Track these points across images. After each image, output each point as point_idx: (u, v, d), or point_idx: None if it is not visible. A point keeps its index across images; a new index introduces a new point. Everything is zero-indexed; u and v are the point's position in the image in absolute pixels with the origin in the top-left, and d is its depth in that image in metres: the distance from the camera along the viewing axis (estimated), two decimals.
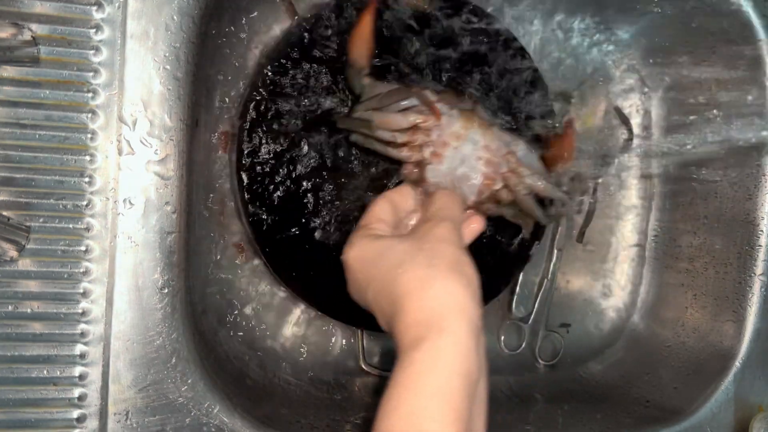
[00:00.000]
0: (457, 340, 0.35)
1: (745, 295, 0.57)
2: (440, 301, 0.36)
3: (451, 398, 0.34)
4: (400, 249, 0.39)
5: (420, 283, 0.37)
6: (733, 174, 0.59)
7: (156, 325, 0.45)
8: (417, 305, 0.36)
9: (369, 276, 0.40)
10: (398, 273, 0.38)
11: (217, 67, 0.53)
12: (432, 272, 0.37)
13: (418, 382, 0.34)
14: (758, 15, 0.56)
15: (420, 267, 0.37)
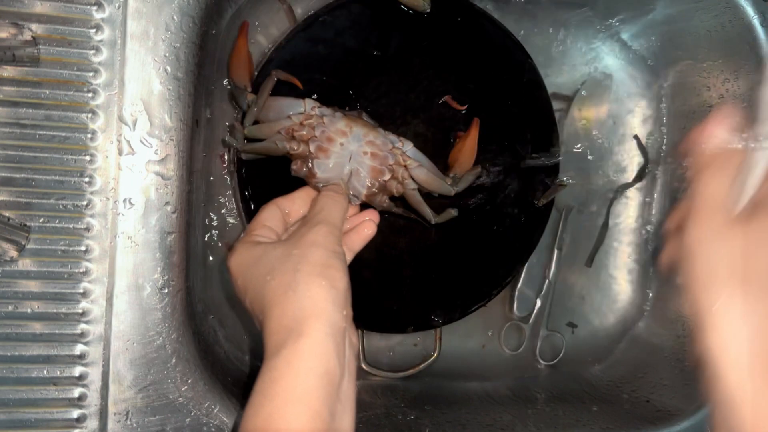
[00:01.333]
0: (313, 343, 0.35)
1: None
2: (300, 305, 0.36)
3: (308, 399, 0.35)
4: (273, 255, 0.39)
5: (284, 289, 0.37)
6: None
7: (156, 325, 0.45)
8: (281, 311, 0.37)
9: (246, 282, 0.40)
10: (267, 280, 0.38)
11: (217, 66, 0.53)
12: (296, 277, 0.37)
13: (274, 386, 0.35)
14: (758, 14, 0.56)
15: (286, 273, 0.38)
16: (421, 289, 0.58)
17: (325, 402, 0.35)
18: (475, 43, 0.56)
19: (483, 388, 0.63)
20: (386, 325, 0.58)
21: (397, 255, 0.57)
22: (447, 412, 0.57)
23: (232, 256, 0.41)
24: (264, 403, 0.35)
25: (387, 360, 0.62)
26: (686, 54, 0.63)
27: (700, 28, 0.60)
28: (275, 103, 0.50)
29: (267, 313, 0.37)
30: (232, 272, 0.41)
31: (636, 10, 0.64)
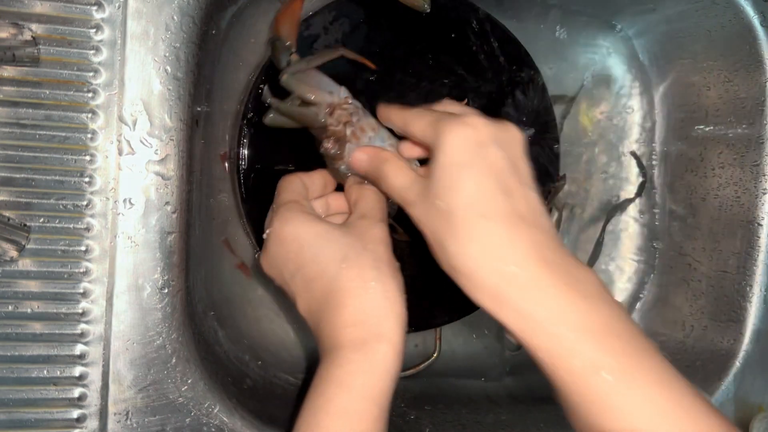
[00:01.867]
0: (393, 347, 0.36)
1: (745, 295, 0.57)
2: (381, 305, 0.36)
3: (381, 401, 0.35)
4: (343, 242, 0.38)
5: (363, 282, 0.37)
6: (733, 174, 0.59)
7: (156, 325, 0.45)
8: (358, 305, 0.36)
9: (302, 259, 0.39)
10: (342, 267, 0.37)
11: (217, 66, 0.53)
12: (376, 274, 0.37)
13: (354, 382, 0.35)
14: (758, 14, 0.56)
15: (365, 267, 0.37)
16: (421, 289, 0.58)
17: (388, 405, 0.36)
18: (475, 43, 0.56)
19: (483, 388, 0.63)
20: None
21: (397, 255, 0.57)
22: (447, 412, 0.57)
23: (286, 224, 0.39)
24: (341, 395, 0.35)
25: None
26: (686, 54, 0.63)
27: (700, 28, 0.60)
28: (316, 76, 0.47)
29: (338, 301, 0.37)
30: (282, 240, 0.39)
31: (636, 10, 0.64)
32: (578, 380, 0.32)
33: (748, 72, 0.57)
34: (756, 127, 0.57)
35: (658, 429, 0.31)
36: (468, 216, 0.34)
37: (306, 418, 0.36)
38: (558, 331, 0.32)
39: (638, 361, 0.32)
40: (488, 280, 0.34)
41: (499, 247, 0.34)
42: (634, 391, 0.31)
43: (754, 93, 0.57)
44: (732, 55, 0.58)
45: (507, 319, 0.33)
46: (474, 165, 0.35)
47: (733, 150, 0.59)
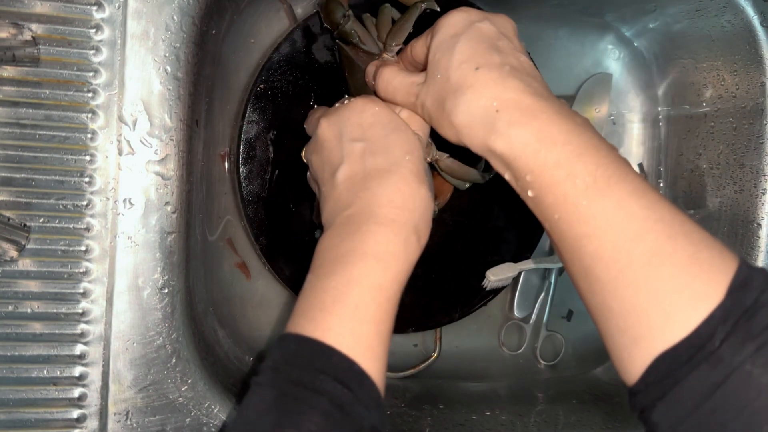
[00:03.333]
0: (420, 247, 0.40)
1: None
2: (425, 207, 0.40)
3: (402, 289, 0.39)
4: (412, 140, 0.42)
5: (418, 182, 0.40)
6: (733, 174, 0.59)
7: (156, 325, 0.45)
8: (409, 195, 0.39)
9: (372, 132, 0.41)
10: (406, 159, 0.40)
11: (217, 66, 0.53)
12: (426, 184, 0.40)
13: (390, 262, 0.37)
14: (758, 14, 0.56)
15: (421, 172, 0.40)
16: (421, 289, 0.58)
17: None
18: None
19: (483, 388, 0.63)
20: None
21: None
22: (447, 412, 0.57)
23: (374, 101, 0.43)
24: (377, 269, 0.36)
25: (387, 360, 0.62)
26: (686, 54, 0.63)
27: (700, 28, 0.60)
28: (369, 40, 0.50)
29: (394, 183, 0.39)
30: (368, 109, 0.42)
31: (636, 10, 0.64)
32: (558, 191, 0.34)
33: (748, 72, 0.57)
34: (756, 127, 0.57)
35: (626, 230, 0.32)
36: (463, 71, 0.37)
37: (334, 285, 0.36)
38: (545, 148, 0.34)
39: (615, 175, 0.33)
40: (483, 122, 0.36)
41: (494, 86, 0.36)
42: (607, 197, 0.32)
43: (754, 93, 0.57)
44: (732, 55, 0.58)
45: (500, 147, 0.35)
46: (466, 33, 0.38)
47: (733, 150, 0.59)
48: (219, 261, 0.57)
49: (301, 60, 0.53)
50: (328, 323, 0.35)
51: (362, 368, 0.34)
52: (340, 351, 0.34)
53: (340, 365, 0.34)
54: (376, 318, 0.35)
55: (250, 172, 0.53)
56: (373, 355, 0.35)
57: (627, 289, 0.32)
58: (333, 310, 0.35)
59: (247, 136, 0.52)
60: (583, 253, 0.33)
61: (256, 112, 0.52)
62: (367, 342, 0.35)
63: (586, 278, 0.34)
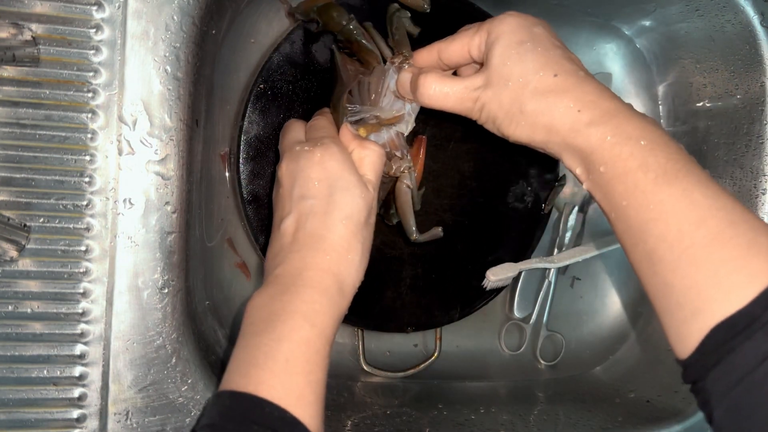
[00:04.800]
0: (346, 305, 0.43)
1: None
2: (350, 270, 0.43)
3: (330, 344, 0.41)
4: (358, 204, 0.43)
5: (348, 247, 0.43)
6: (733, 174, 0.59)
7: (156, 325, 0.45)
8: (335, 260, 0.42)
9: (321, 190, 0.43)
10: (342, 223, 0.42)
11: (217, 66, 0.53)
12: (359, 249, 0.43)
13: (318, 320, 0.40)
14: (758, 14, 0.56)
15: (355, 238, 0.43)
16: (421, 289, 0.58)
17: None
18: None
19: (483, 388, 0.63)
20: (386, 325, 0.58)
21: (397, 255, 0.57)
22: (447, 412, 0.57)
23: (338, 151, 0.44)
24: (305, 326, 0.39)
25: (387, 360, 0.62)
26: (686, 54, 0.63)
27: (700, 28, 0.60)
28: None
29: (324, 248, 0.41)
30: (327, 161, 0.43)
31: (636, 10, 0.64)
32: (629, 179, 0.37)
33: (748, 72, 0.57)
34: (756, 127, 0.57)
35: (691, 215, 0.35)
36: (543, 77, 0.40)
37: (265, 342, 0.38)
38: (621, 142, 0.37)
39: (684, 168, 0.36)
40: (565, 124, 0.39)
41: (574, 90, 0.39)
42: (675, 186, 0.35)
43: (754, 93, 0.57)
44: (732, 55, 0.58)
45: (580, 142, 0.39)
46: (532, 40, 0.41)
47: (733, 150, 0.59)
48: (219, 261, 0.57)
49: (301, 60, 0.53)
50: (261, 377, 0.37)
51: (294, 416, 0.36)
52: (272, 402, 0.36)
53: (273, 415, 0.36)
54: (306, 370, 0.38)
55: (250, 172, 0.53)
56: (305, 403, 0.37)
57: (689, 267, 0.34)
58: (265, 365, 0.38)
59: (247, 136, 0.52)
60: (648, 235, 0.36)
61: (256, 112, 0.52)
62: (298, 392, 0.37)
63: (649, 259, 0.36)
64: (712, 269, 0.33)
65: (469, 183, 0.59)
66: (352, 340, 0.61)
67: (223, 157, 0.56)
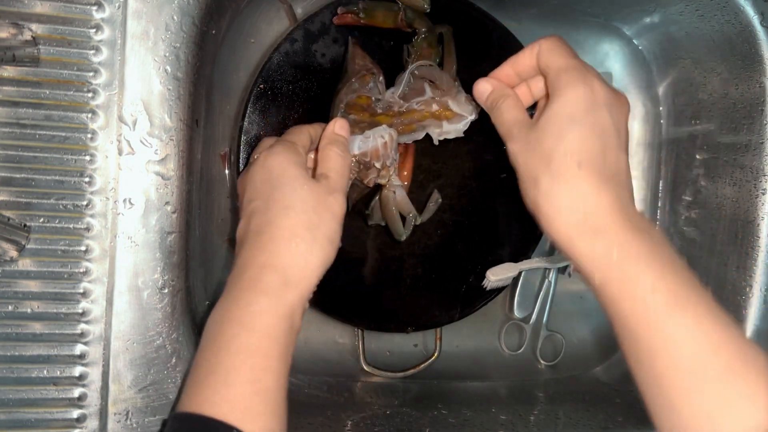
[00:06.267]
0: (299, 294, 0.41)
1: (745, 295, 0.57)
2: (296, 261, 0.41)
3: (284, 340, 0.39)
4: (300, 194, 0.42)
5: (291, 236, 0.41)
6: (733, 174, 0.59)
7: (156, 325, 0.45)
8: (275, 251, 0.40)
9: (264, 189, 0.42)
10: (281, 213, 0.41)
11: (217, 66, 0.53)
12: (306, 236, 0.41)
13: (256, 322, 0.39)
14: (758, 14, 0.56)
15: (299, 225, 0.41)
16: (421, 289, 0.58)
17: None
18: (475, 43, 0.56)
19: (483, 388, 0.63)
20: (386, 325, 0.58)
21: (397, 255, 0.57)
22: (447, 412, 0.57)
23: (276, 153, 0.43)
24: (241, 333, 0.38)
25: (387, 360, 0.62)
26: (686, 53, 0.63)
27: (700, 28, 0.60)
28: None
29: (262, 242, 0.40)
30: (266, 165, 0.42)
31: (636, 11, 0.64)
32: (638, 305, 0.36)
33: (748, 72, 0.57)
34: (756, 126, 0.57)
35: (704, 346, 0.35)
36: (567, 162, 0.38)
37: (207, 357, 0.38)
38: (626, 265, 0.36)
39: (693, 295, 0.36)
40: (569, 221, 0.38)
41: (588, 195, 0.38)
42: (688, 314, 0.35)
43: (754, 93, 0.57)
44: (732, 55, 0.58)
45: (579, 256, 0.38)
46: (583, 122, 0.39)
47: (733, 150, 0.59)
48: (219, 261, 0.57)
49: (301, 60, 0.53)
50: (204, 395, 0.36)
51: (241, 430, 0.35)
52: (216, 419, 0.35)
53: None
54: (251, 378, 0.37)
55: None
56: (254, 415, 0.36)
57: (700, 396, 0.35)
58: (206, 382, 0.37)
59: (247, 136, 0.52)
60: (658, 359, 0.36)
61: (257, 112, 0.53)
62: (244, 404, 0.36)
63: (656, 381, 0.36)
64: (725, 400, 0.34)
65: (469, 183, 0.59)
66: (352, 340, 0.61)
67: (223, 157, 0.56)
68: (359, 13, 0.52)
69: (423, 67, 0.49)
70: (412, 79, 0.49)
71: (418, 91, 0.49)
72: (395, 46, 0.54)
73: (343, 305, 0.56)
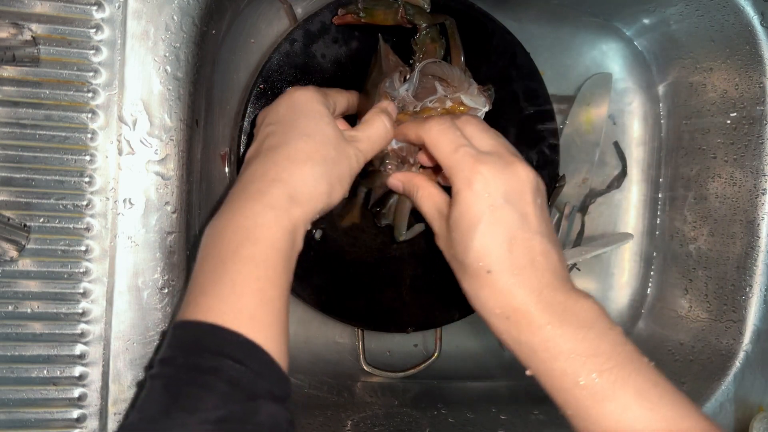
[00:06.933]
0: (304, 212, 0.40)
1: (745, 295, 0.57)
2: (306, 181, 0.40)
3: (289, 252, 0.39)
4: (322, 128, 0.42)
5: (304, 159, 0.41)
6: (733, 174, 0.59)
7: (156, 325, 0.45)
8: (286, 169, 0.40)
9: (289, 116, 0.43)
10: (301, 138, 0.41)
11: (217, 66, 0.53)
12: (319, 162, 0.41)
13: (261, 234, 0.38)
14: (758, 14, 0.56)
15: (316, 154, 0.41)
16: (421, 289, 0.58)
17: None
18: (475, 42, 0.56)
19: (483, 388, 0.63)
20: (386, 325, 0.58)
21: (397, 255, 0.57)
22: (447, 412, 0.57)
23: (305, 90, 0.43)
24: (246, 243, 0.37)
25: (387, 360, 0.62)
26: (686, 54, 0.63)
27: (700, 28, 0.60)
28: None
29: (275, 158, 0.40)
30: (295, 96, 0.43)
31: (636, 11, 0.64)
32: (569, 395, 0.37)
33: (748, 72, 0.57)
34: (756, 127, 0.57)
35: (648, 418, 0.35)
36: (477, 269, 0.39)
37: (210, 267, 0.37)
38: (551, 357, 0.38)
39: (619, 379, 0.36)
40: (495, 318, 0.39)
41: (503, 294, 0.39)
42: (615, 401, 0.36)
43: (754, 93, 0.57)
44: (732, 55, 0.58)
45: (508, 346, 0.40)
46: (482, 227, 0.39)
47: (733, 150, 0.59)
48: None
49: (301, 60, 0.53)
50: (209, 303, 0.36)
51: (248, 338, 0.34)
52: (222, 326, 0.34)
53: (225, 339, 0.34)
54: (256, 288, 0.36)
55: None
56: (260, 324, 0.35)
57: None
58: (212, 290, 0.36)
59: (247, 136, 0.52)
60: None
61: (257, 112, 0.52)
62: (250, 312, 0.35)
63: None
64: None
65: None
66: (352, 340, 0.61)
67: (223, 157, 0.56)
68: (359, 13, 0.52)
69: (430, 65, 0.49)
70: (422, 78, 0.49)
71: (430, 90, 0.48)
72: (398, 43, 0.54)
73: (343, 305, 0.56)
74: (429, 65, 0.49)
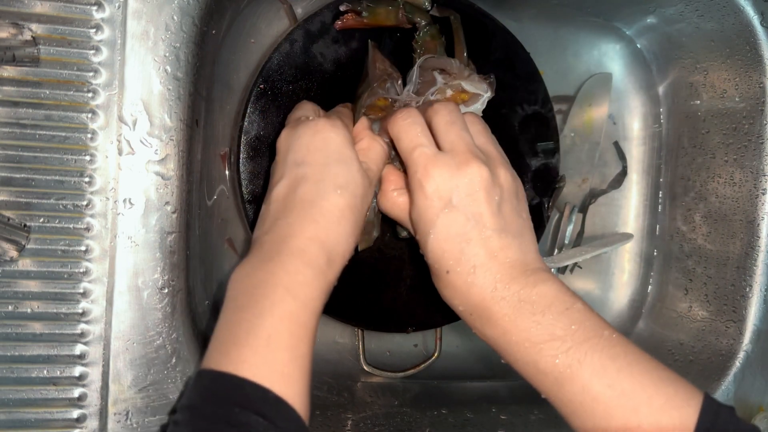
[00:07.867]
0: (334, 276, 0.43)
1: (745, 295, 0.57)
2: (341, 240, 0.42)
3: (317, 316, 0.40)
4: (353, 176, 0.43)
5: (340, 216, 0.42)
6: (733, 174, 0.59)
7: (156, 325, 0.45)
8: (325, 228, 0.42)
9: (317, 158, 0.43)
10: (336, 192, 0.42)
11: (217, 66, 0.53)
12: (351, 218, 0.43)
13: (301, 292, 0.39)
14: (758, 14, 0.56)
15: (349, 208, 0.43)
16: (421, 289, 0.58)
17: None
18: (475, 42, 0.56)
19: (483, 388, 0.63)
20: (386, 325, 0.58)
21: (397, 255, 0.57)
22: (447, 412, 0.57)
23: (337, 125, 0.43)
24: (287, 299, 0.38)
25: (387, 360, 0.62)
26: (686, 54, 0.63)
27: (700, 28, 0.60)
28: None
29: (313, 214, 0.40)
30: (325, 132, 0.43)
31: (636, 11, 0.64)
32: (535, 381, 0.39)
33: (748, 72, 0.57)
34: (756, 127, 0.57)
35: (596, 412, 0.37)
36: (437, 270, 0.42)
37: (245, 317, 0.37)
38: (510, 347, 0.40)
39: (575, 363, 0.37)
40: (462, 314, 0.43)
41: (461, 293, 0.41)
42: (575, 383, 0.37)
43: (754, 93, 0.57)
44: (732, 55, 0.58)
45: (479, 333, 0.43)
46: (435, 231, 0.41)
47: (733, 150, 0.59)
48: (219, 261, 0.57)
49: (301, 60, 0.53)
50: (242, 356, 0.36)
51: (277, 395, 0.35)
52: (253, 381, 0.35)
53: (255, 395, 0.34)
54: (290, 345, 0.37)
55: (250, 172, 0.53)
56: (290, 381, 0.36)
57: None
58: (246, 342, 0.36)
59: (247, 136, 0.52)
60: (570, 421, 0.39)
61: (257, 112, 0.52)
62: (282, 369, 0.36)
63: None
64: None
65: None
66: (352, 340, 0.61)
67: (223, 157, 0.56)
68: (362, 12, 0.52)
69: (428, 59, 0.49)
70: (422, 72, 0.49)
71: (430, 82, 0.48)
72: (398, 44, 0.54)
73: (343, 305, 0.56)
74: (427, 60, 0.49)
